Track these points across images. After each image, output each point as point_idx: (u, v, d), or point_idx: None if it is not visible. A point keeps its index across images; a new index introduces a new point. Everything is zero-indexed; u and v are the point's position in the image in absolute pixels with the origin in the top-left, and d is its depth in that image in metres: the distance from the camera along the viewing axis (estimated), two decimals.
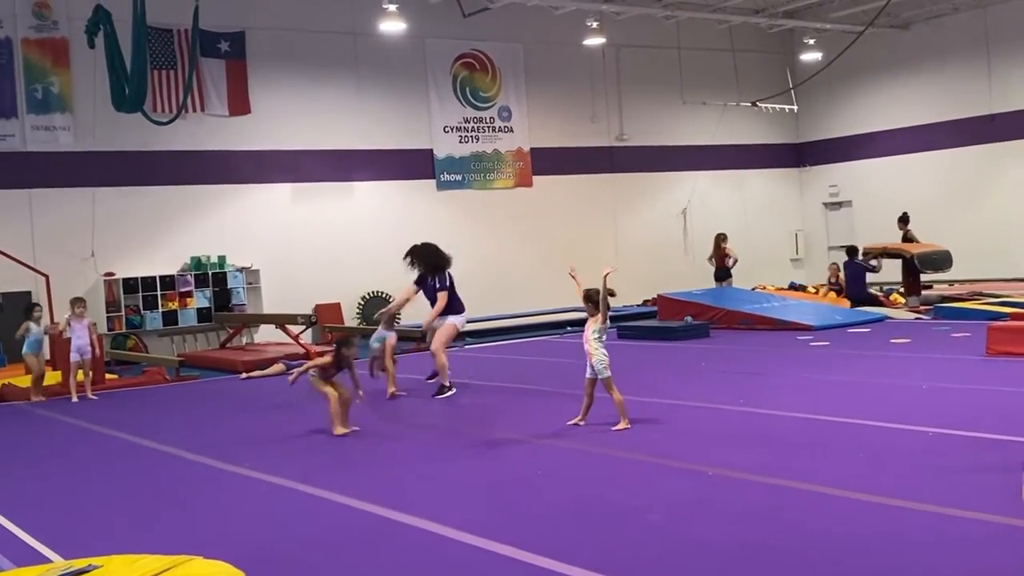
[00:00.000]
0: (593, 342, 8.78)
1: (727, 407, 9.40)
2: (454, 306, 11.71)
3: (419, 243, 12.13)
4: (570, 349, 15.72)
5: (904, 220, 19.94)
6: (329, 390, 9.36)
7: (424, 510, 6.23)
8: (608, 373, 8.73)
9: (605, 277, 8.84)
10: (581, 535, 5.63)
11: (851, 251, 19.44)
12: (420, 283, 11.88)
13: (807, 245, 26.11)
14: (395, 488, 7.03)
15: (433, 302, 11.70)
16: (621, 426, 8.69)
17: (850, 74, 23.81)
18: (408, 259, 11.89)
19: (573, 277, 9.27)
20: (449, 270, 11.80)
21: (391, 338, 11.79)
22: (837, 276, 19.85)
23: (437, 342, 11.55)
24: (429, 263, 11.75)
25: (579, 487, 6.78)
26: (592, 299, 8.87)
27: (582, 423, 8.95)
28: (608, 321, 8.91)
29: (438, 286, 11.62)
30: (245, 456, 8.42)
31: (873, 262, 18.88)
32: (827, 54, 22.68)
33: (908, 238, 19.74)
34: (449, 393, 11.28)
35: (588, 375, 8.88)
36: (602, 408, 8.73)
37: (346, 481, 7.27)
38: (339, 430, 9.22)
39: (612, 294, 8.93)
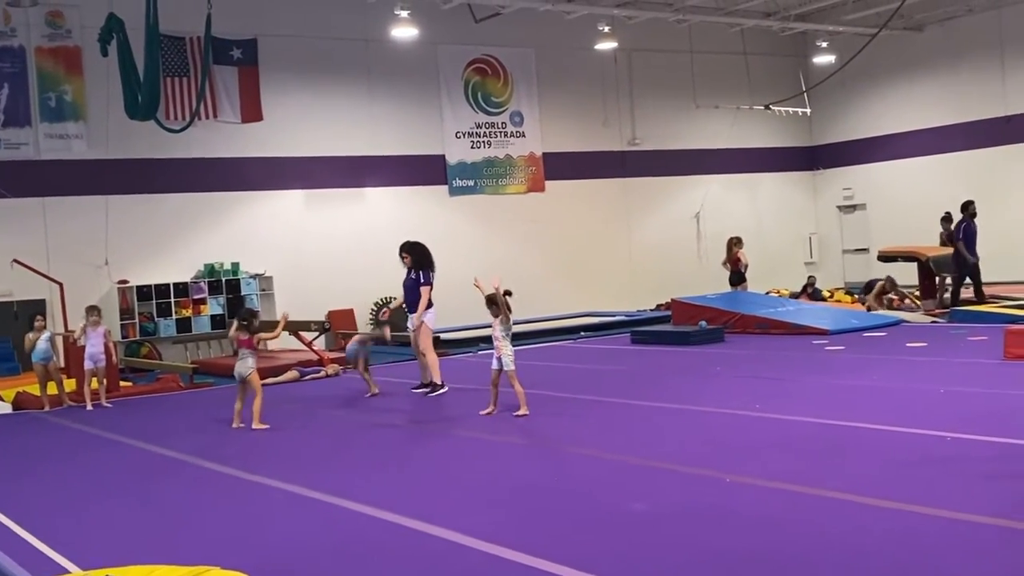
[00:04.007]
0: (501, 339, 9.78)
1: (742, 412, 9.34)
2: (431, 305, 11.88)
3: (411, 240, 12.49)
4: (582, 354, 15.68)
5: (948, 219, 19.30)
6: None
7: (441, 518, 6.20)
8: (513, 367, 9.77)
9: (497, 288, 9.84)
10: (598, 543, 5.59)
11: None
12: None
13: (821, 248, 26.00)
14: (412, 495, 7.00)
15: (412, 298, 11.93)
16: (521, 412, 9.70)
17: (864, 76, 23.73)
18: (402, 252, 12.22)
19: (477, 286, 10.11)
20: (433, 272, 12.06)
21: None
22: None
23: (424, 343, 11.69)
24: (417, 258, 12.05)
25: (594, 495, 6.74)
26: (494, 302, 9.83)
27: (493, 412, 9.91)
28: (511, 320, 9.90)
29: (423, 281, 11.83)
30: (261, 464, 8.41)
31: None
32: (840, 56, 22.61)
33: (945, 240, 19.27)
34: (442, 391, 11.33)
35: (494, 367, 9.85)
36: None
37: (363, 488, 7.25)
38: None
39: (509, 294, 9.96)
